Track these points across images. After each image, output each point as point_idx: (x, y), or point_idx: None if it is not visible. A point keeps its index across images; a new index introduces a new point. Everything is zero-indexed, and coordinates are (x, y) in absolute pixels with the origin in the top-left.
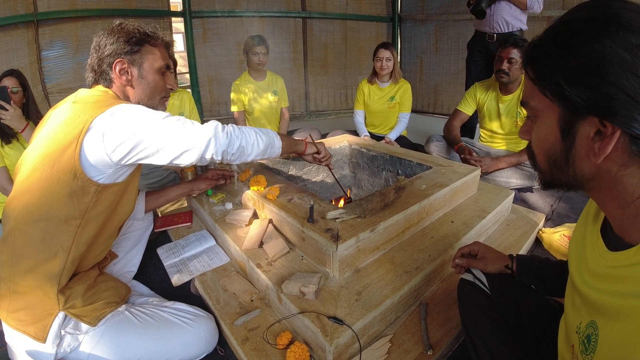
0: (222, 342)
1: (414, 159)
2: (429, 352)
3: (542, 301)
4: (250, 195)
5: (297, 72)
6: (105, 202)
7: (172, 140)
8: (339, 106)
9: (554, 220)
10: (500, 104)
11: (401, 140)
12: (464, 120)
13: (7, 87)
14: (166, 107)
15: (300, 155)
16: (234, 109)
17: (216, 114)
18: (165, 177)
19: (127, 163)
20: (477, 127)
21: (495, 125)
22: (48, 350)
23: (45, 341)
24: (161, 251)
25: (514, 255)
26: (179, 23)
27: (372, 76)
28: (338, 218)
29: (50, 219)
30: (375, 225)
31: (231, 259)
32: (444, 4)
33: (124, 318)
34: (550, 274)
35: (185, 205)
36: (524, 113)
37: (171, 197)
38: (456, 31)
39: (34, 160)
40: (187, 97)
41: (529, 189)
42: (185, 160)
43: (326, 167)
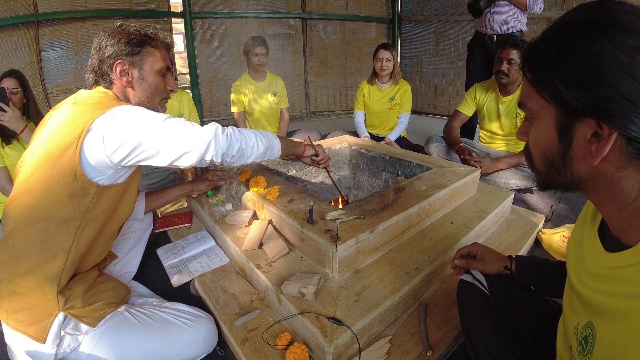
0: (222, 342)
1: (413, 160)
2: (428, 353)
3: (541, 302)
4: (250, 196)
5: (297, 73)
6: (105, 203)
7: (172, 142)
8: (339, 107)
9: (553, 221)
10: (500, 105)
11: (401, 141)
12: (464, 121)
13: (5, 89)
14: (166, 108)
15: (299, 157)
16: (233, 109)
17: (216, 115)
18: (165, 178)
19: (128, 164)
20: (477, 128)
21: (495, 126)
22: (48, 350)
23: (45, 342)
24: (161, 252)
25: (513, 256)
26: (179, 24)
27: (372, 77)
28: (337, 219)
29: (50, 219)
30: (374, 226)
31: (231, 259)
32: (443, 5)
33: (123, 319)
34: (549, 274)
35: (185, 206)
36: (524, 114)
37: (171, 197)
38: (456, 32)
39: (34, 161)
40: (186, 97)
41: (529, 190)
42: (185, 162)
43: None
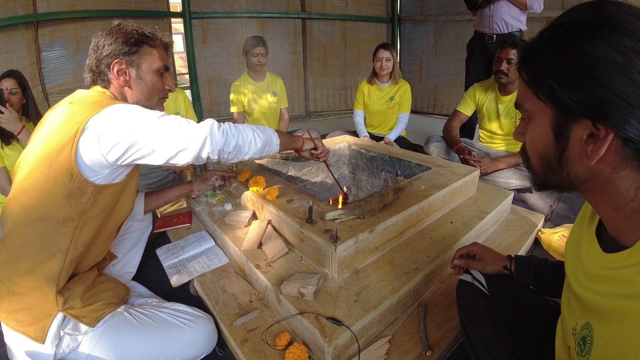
0: (221, 343)
1: (413, 160)
2: (427, 353)
3: (541, 302)
4: (249, 196)
5: (296, 73)
6: (103, 203)
7: (167, 139)
8: (339, 107)
9: (553, 220)
10: (499, 105)
11: (400, 140)
12: (464, 121)
13: (3, 90)
14: (163, 108)
15: (298, 151)
16: (233, 109)
17: (216, 115)
18: (165, 178)
19: (123, 163)
20: (477, 127)
21: (494, 126)
22: (47, 350)
23: (44, 342)
24: (160, 252)
25: (513, 256)
26: (178, 24)
27: (372, 77)
28: (337, 219)
29: (48, 220)
30: (374, 226)
31: (230, 259)
32: (443, 5)
33: (123, 319)
34: (549, 274)
35: (185, 206)
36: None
37: (170, 197)
38: (455, 32)
39: (31, 161)
40: (181, 96)
41: (528, 190)
42: (182, 160)
43: (324, 164)
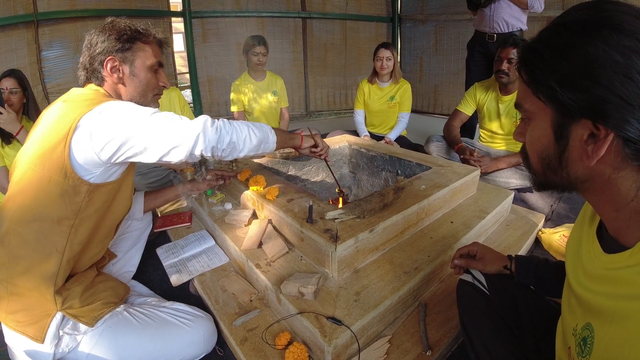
0: (221, 342)
1: (413, 159)
2: (427, 353)
3: (541, 302)
4: (249, 196)
5: (296, 72)
6: (98, 201)
7: (159, 137)
8: (339, 106)
9: (553, 220)
10: (500, 104)
11: (401, 140)
12: (464, 121)
13: (1, 91)
14: (159, 104)
15: (297, 149)
16: (233, 109)
17: (216, 114)
18: (165, 177)
19: (117, 161)
20: (477, 127)
21: (495, 126)
22: (46, 350)
23: (43, 341)
24: (160, 251)
25: (513, 255)
26: (178, 23)
27: (373, 76)
28: (337, 218)
29: (44, 219)
30: (374, 225)
31: (230, 259)
32: (443, 4)
33: (122, 318)
34: (549, 274)
35: (185, 205)
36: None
37: (170, 197)
38: (456, 31)
39: (27, 161)
40: (175, 94)
41: (529, 189)
42: (175, 157)
43: (324, 163)
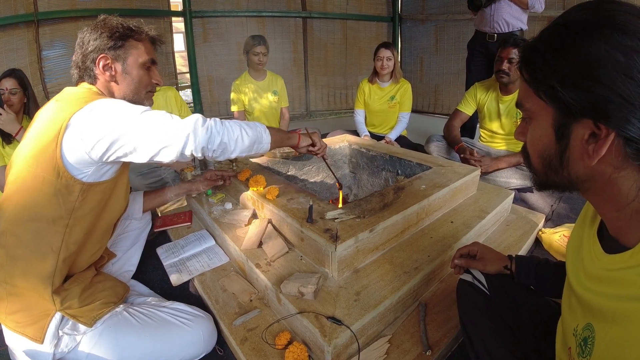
0: (221, 342)
1: (413, 159)
2: (427, 353)
3: (541, 302)
4: (249, 195)
5: (297, 72)
6: (93, 201)
7: (149, 136)
8: (339, 106)
9: (554, 220)
10: (500, 104)
11: (401, 140)
12: (464, 121)
13: (2, 91)
14: (152, 102)
15: (294, 148)
16: (234, 108)
17: (216, 114)
18: (165, 177)
19: (108, 161)
20: (477, 127)
21: (495, 126)
22: (46, 350)
23: (42, 342)
24: (160, 251)
25: (513, 255)
26: (179, 23)
27: (373, 76)
28: (337, 218)
29: (39, 219)
30: (374, 225)
31: (230, 259)
32: (444, 4)
33: (122, 318)
34: (549, 275)
35: (185, 205)
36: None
37: (170, 197)
38: (456, 31)
39: (22, 161)
40: (171, 94)
41: (529, 189)
42: (165, 158)
43: (323, 163)
